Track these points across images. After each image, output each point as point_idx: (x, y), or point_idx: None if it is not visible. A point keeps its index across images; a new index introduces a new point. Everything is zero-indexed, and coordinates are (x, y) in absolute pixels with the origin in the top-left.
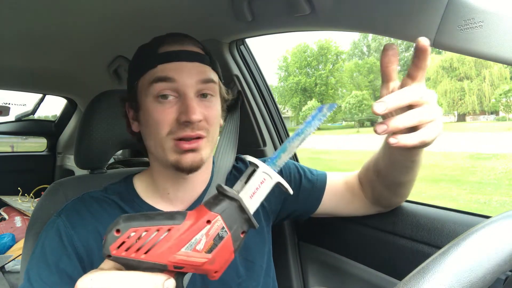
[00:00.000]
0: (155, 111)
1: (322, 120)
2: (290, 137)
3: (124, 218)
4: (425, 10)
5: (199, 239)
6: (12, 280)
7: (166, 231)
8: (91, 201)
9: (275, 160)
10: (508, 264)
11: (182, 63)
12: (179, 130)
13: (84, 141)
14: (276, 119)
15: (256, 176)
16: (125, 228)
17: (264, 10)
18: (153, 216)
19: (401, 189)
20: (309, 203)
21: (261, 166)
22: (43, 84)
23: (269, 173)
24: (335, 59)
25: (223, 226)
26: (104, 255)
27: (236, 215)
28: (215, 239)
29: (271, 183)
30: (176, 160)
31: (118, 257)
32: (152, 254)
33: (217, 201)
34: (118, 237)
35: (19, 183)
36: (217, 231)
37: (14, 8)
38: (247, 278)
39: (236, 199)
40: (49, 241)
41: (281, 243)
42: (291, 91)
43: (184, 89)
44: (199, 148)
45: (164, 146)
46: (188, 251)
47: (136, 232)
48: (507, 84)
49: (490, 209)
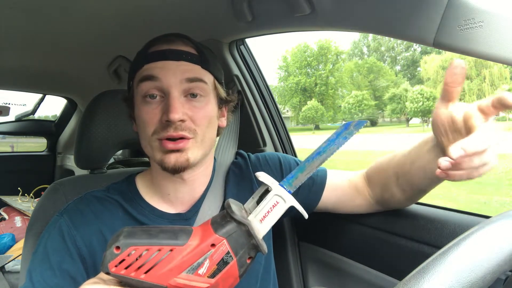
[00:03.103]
0: (143, 111)
1: (348, 139)
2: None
3: (125, 234)
4: (425, 10)
5: (202, 263)
6: (12, 280)
7: (168, 251)
8: (93, 200)
9: (291, 180)
10: (508, 264)
11: (167, 62)
12: (162, 131)
13: (84, 141)
14: (276, 119)
15: (268, 199)
16: (125, 246)
17: (264, 10)
18: (156, 234)
19: (418, 195)
20: (309, 199)
21: (274, 188)
22: (43, 84)
23: (283, 197)
24: (335, 59)
25: (228, 251)
26: (103, 271)
27: (243, 240)
28: (219, 264)
29: (284, 207)
30: (160, 160)
31: (117, 275)
32: (152, 275)
33: (224, 222)
34: (117, 254)
35: (19, 183)
36: (222, 255)
37: (14, 8)
38: (247, 277)
39: (245, 223)
40: (52, 241)
41: (281, 243)
42: (291, 91)
43: (168, 88)
44: (185, 148)
45: (152, 146)
46: (190, 275)
47: (137, 251)
48: (507, 84)
49: (490, 209)
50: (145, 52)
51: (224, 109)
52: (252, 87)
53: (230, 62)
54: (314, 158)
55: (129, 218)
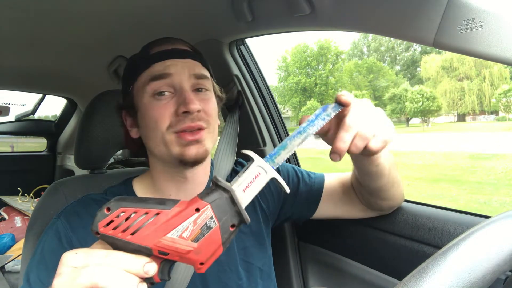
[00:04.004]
0: (153, 108)
1: (326, 120)
2: (291, 134)
3: (117, 198)
4: (425, 10)
5: (186, 226)
6: (12, 280)
7: (154, 215)
8: (91, 203)
9: (274, 157)
10: (508, 264)
11: (175, 60)
12: (179, 123)
13: (84, 141)
14: (276, 119)
15: (250, 169)
16: (115, 207)
17: (264, 10)
18: (145, 200)
19: (382, 193)
20: (306, 206)
21: (256, 159)
22: (43, 84)
23: (264, 168)
24: (335, 59)
25: (212, 216)
26: (92, 231)
27: (227, 207)
28: (203, 228)
29: (266, 178)
30: (180, 153)
31: (105, 235)
32: (138, 236)
33: (209, 191)
34: (107, 215)
35: (19, 183)
36: (205, 220)
37: (14, 8)
38: (248, 280)
39: (228, 190)
40: (49, 243)
41: (281, 243)
42: (291, 91)
43: (180, 83)
44: (202, 139)
45: (166, 141)
46: (174, 237)
47: (125, 212)
48: (507, 84)
49: (490, 209)
50: (147, 54)
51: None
52: (252, 87)
53: (230, 62)
54: (295, 137)
55: None
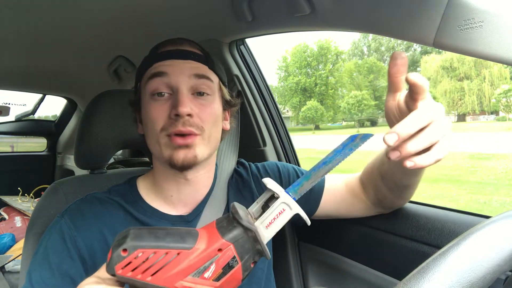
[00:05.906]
0: (150, 108)
1: (354, 150)
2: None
3: (132, 236)
4: (425, 10)
5: (208, 267)
6: (12, 280)
7: (175, 255)
8: (95, 202)
9: (297, 188)
10: (508, 264)
11: (176, 60)
12: (171, 126)
13: (84, 141)
14: (276, 119)
15: (275, 205)
16: (133, 249)
17: (264, 10)
18: (163, 237)
19: (405, 191)
20: (307, 206)
21: (282, 196)
22: (43, 84)
23: (289, 204)
24: (335, 59)
25: (235, 255)
26: (109, 273)
27: (249, 245)
28: (225, 268)
29: (290, 214)
30: (169, 156)
31: (123, 277)
32: (159, 277)
33: (231, 227)
34: (124, 257)
35: (19, 183)
36: (228, 260)
37: (14, 8)
38: (249, 283)
39: (252, 229)
40: (52, 243)
41: (281, 243)
42: (291, 91)
43: (177, 84)
44: (193, 144)
45: (160, 142)
46: (196, 278)
47: (144, 253)
48: (507, 84)
49: (490, 209)
50: (153, 53)
51: (228, 113)
52: (252, 87)
53: (230, 62)
54: (320, 168)
55: (131, 219)
